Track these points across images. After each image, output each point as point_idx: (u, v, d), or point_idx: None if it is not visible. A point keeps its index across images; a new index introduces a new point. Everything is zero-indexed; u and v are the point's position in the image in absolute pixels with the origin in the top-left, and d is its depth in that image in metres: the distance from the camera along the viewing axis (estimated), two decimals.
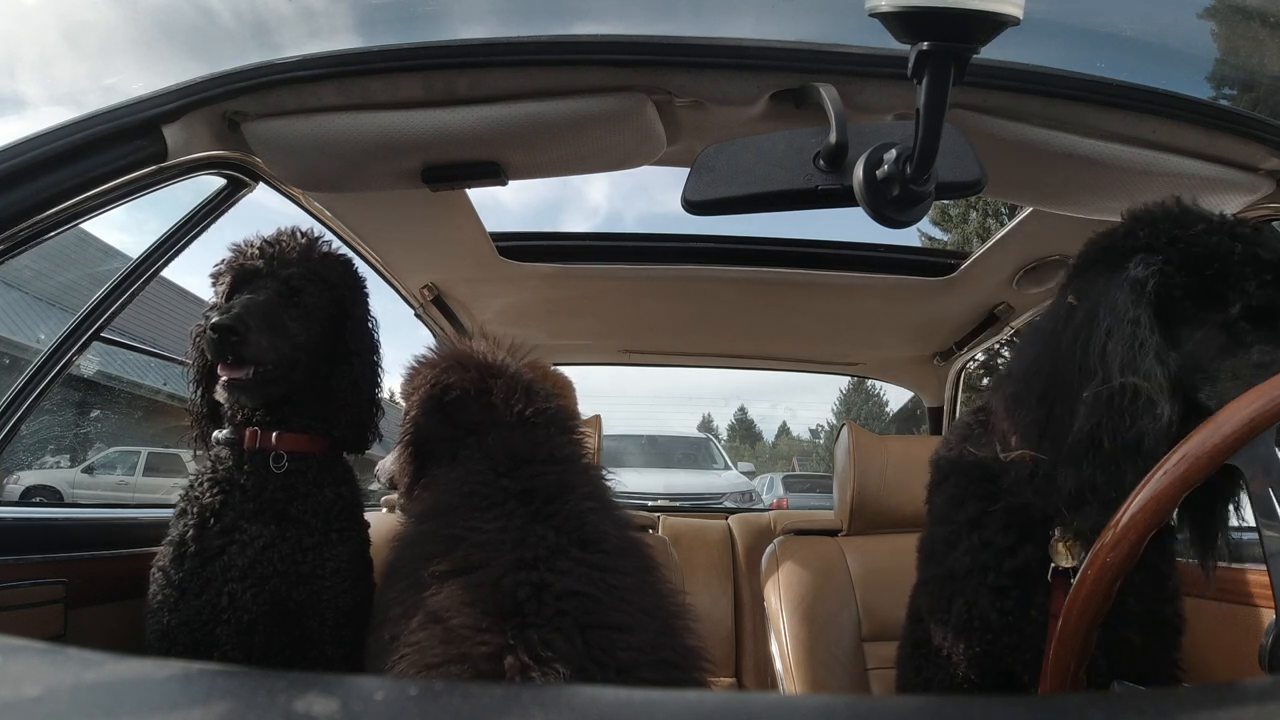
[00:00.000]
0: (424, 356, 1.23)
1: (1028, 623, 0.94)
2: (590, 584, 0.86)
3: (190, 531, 1.11)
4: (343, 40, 1.10)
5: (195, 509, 1.12)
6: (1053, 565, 0.93)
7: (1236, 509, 0.86)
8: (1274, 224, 1.25)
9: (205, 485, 1.15)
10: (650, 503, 3.26)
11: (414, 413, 1.16)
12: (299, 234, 1.22)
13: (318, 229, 1.28)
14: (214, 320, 1.06)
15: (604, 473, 1.11)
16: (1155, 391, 0.81)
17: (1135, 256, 0.88)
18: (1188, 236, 0.88)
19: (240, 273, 1.16)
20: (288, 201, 1.42)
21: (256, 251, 1.17)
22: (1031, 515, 0.95)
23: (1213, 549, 0.88)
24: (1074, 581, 0.72)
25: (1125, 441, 0.81)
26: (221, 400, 1.14)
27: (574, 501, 0.96)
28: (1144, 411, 0.81)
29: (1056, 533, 0.94)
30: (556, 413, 1.15)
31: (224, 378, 1.09)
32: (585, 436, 1.19)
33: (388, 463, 1.29)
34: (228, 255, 1.19)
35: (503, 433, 1.07)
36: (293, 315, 1.15)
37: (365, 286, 1.29)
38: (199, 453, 1.23)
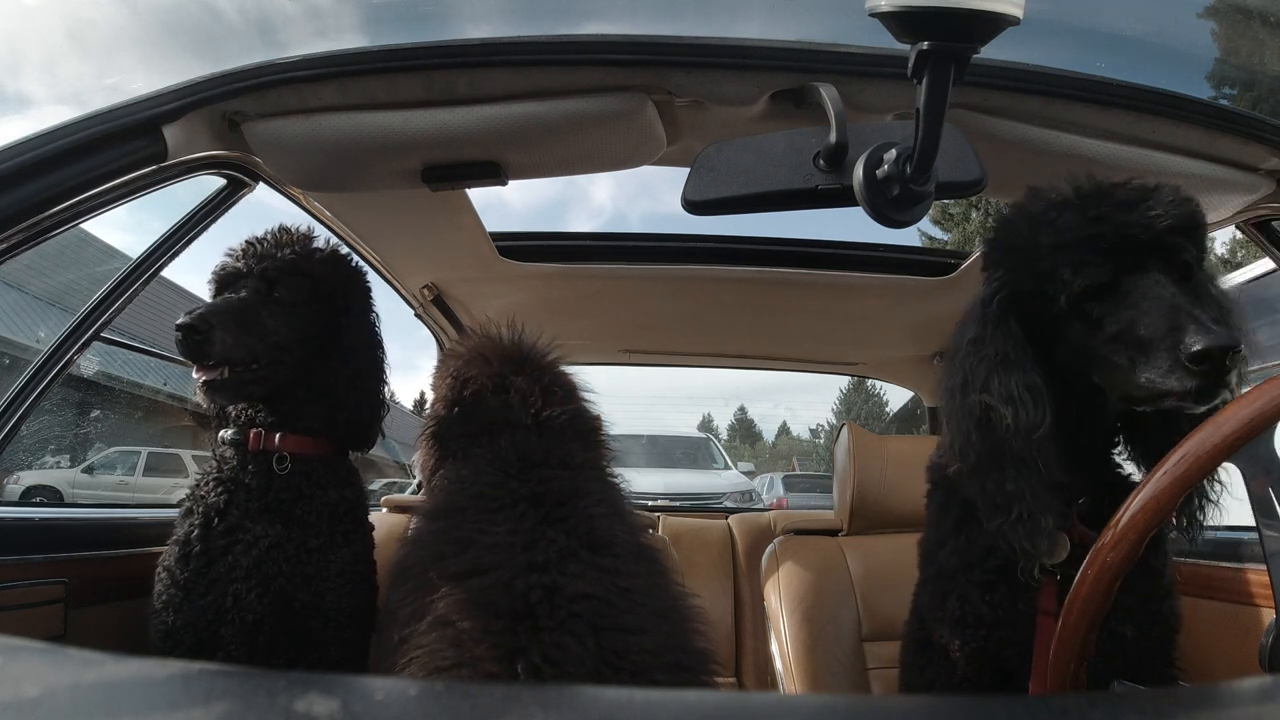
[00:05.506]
0: (452, 347, 1.22)
1: (1017, 616, 0.95)
2: (602, 587, 0.86)
3: (195, 531, 1.10)
4: (343, 40, 1.10)
5: (201, 508, 1.12)
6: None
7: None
8: (1274, 224, 1.25)
9: (211, 484, 1.15)
10: (650, 502, 3.25)
11: (436, 405, 1.15)
12: (282, 229, 1.20)
13: (316, 229, 1.27)
14: (178, 320, 1.05)
15: (617, 478, 1.10)
16: (1001, 403, 0.85)
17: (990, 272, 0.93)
18: (1020, 242, 0.89)
19: (224, 276, 1.16)
20: (288, 201, 1.42)
21: (239, 253, 1.17)
22: None
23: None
24: (1075, 580, 0.72)
25: (984, 454, 0.86)
26: (201, 402, 1.13)
27: (584, 506, 0.95)
28: (997, 424, 0.85)
29: None
30: (573, 417, 1.13)
31: (199, 379, 1.08)
32: (605, 441, 1.17)
33: (418, 458, 1.28)
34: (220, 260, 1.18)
35: (516, 434, 1.06)
36: (271, 311, 1.13)
37: (365, 282, 1.27)
38: (211, 451, 1.23)
